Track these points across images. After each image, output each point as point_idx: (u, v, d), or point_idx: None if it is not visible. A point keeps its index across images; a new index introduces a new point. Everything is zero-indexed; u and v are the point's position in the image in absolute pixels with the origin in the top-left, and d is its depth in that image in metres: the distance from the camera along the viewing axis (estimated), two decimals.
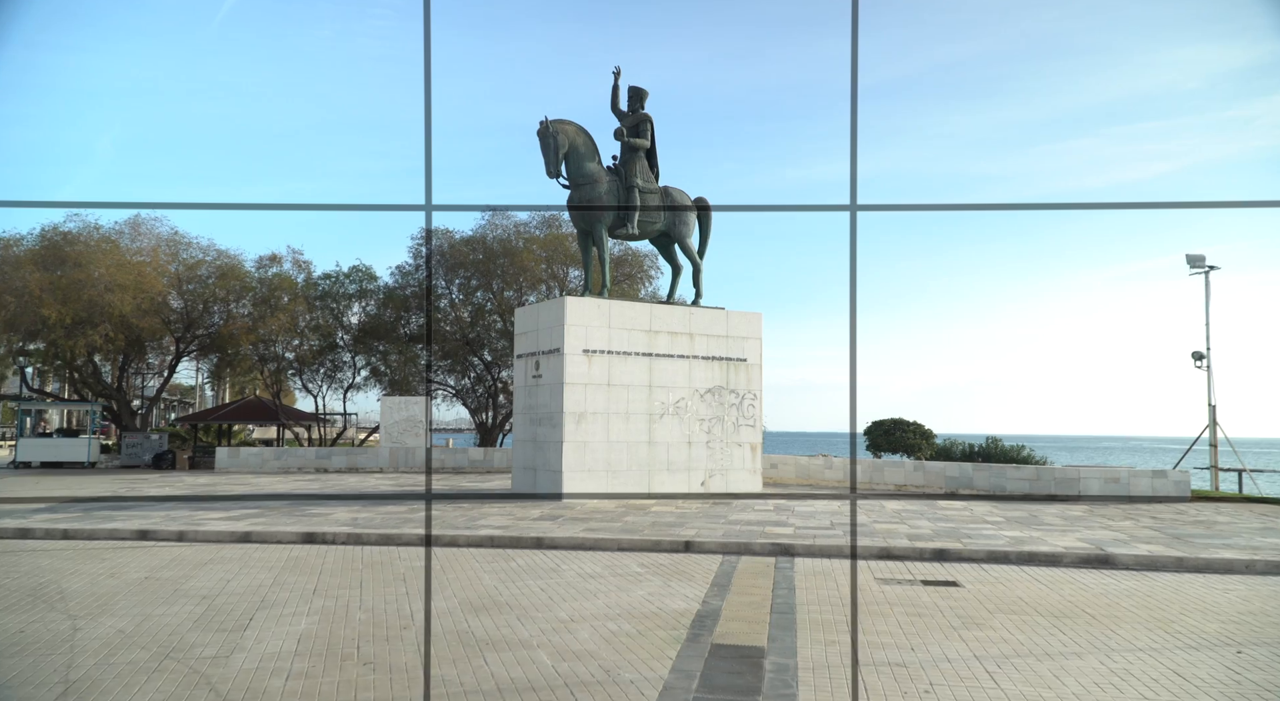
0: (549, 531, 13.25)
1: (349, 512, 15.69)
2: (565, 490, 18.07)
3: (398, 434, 27.56)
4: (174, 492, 20.23)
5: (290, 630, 7.66)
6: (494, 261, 34.90)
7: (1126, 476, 19.08)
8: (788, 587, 9.80)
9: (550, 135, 19.08)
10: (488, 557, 11.73)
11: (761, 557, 11.93)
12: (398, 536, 12.95)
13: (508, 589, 9.59)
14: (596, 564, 11.29)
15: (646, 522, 14.52)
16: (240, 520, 14.46)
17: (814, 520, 15.15)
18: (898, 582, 10.23)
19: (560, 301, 18.77)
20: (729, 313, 20.90)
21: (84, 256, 30.15)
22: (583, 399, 18.50)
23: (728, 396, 20.54)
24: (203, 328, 33.91)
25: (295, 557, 11.58)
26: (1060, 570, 11.18)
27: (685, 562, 11.43)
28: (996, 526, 14.48)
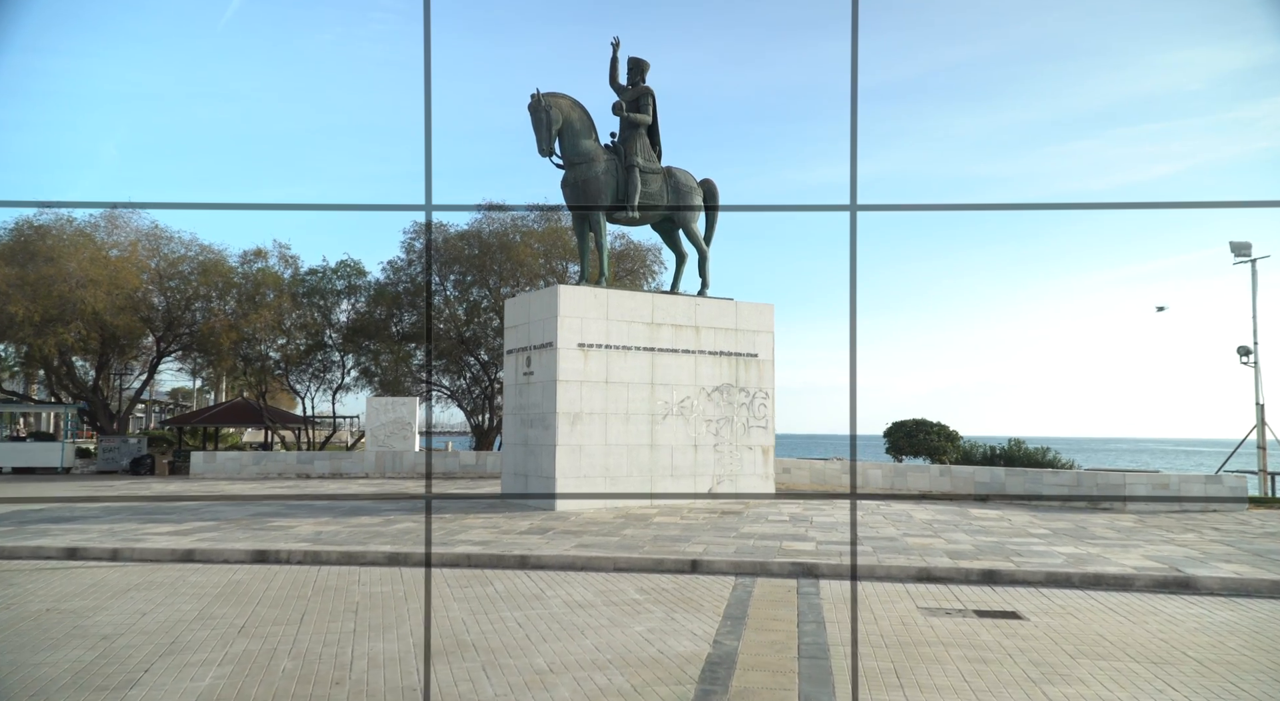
0: (535, 548, 11.58)
1: (315, 525, 14.03)
2: (558, 499, 16.38)
3: (384, 437, 25.82)
4: (134, 501, 18.59)
5: (189, 688, 6.01)
6: (490, 256, 33.25)
7: (1177, 482, 17.33)
8: (816, 621, 8.13)
9: (542, 109, 17.42)
10: (462, 580, 10.08)
11: (780, 579, 10.27)
12: (361, 555, 11.29)
13: (478, 624, 7.93)
14: (588, 588, 9.63)
15: (648, 536, 12.85)
16: (188, 535, 12.82)
17: (836, 532, 13.47)
18: (946, 613, 8.55)
19: (553, 290, 17.07)
20: (738, 304, 19.19)
21: (56, 251, 28.56)
22: (578, 398, 16.81)
23: (737, 395, 18.84)
24: (184, 326, 32.28)
25: (236, 582, 9.93)
26: (1134, 596, 9.49)
27: (692, 586, 9.76)
28: (1045, 541, 12.77)
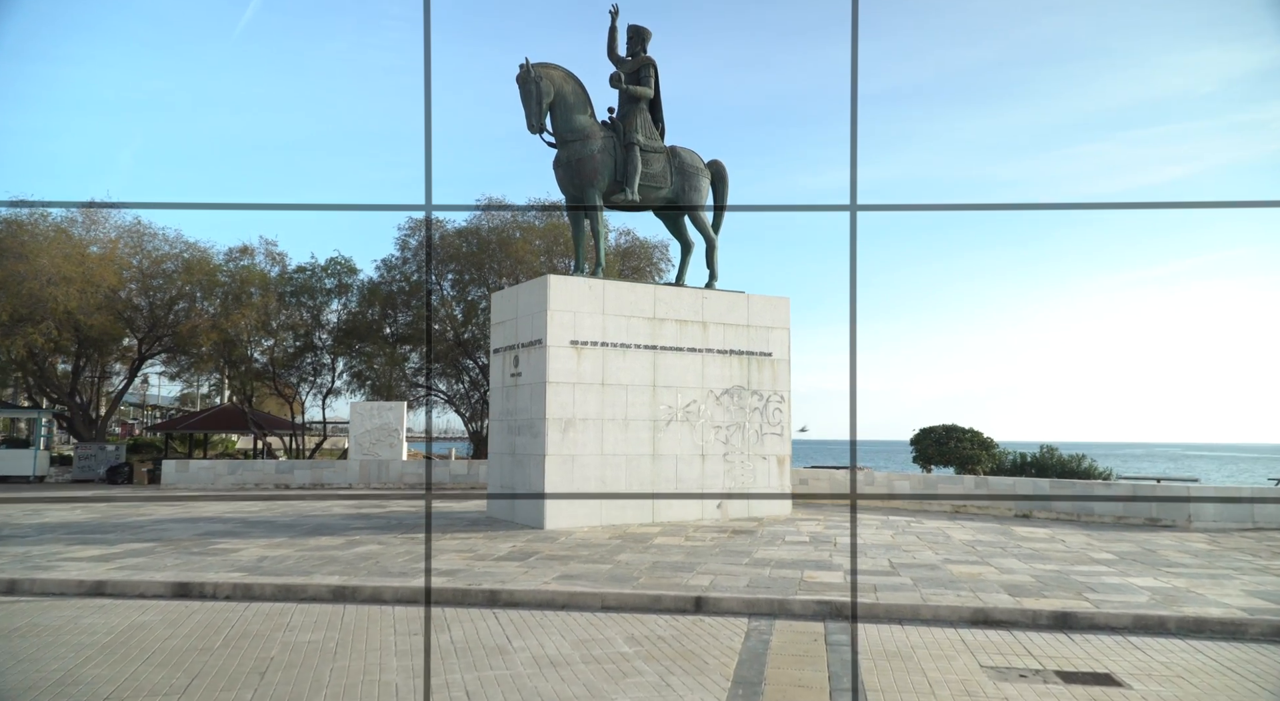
0: (510, 580, 9.72)
1: (264, 548, 12.21)
2: (548, 515, 14.51)
3: (369, 444, 24.00)
4: (78, 516, 16.83)
5: None
6: (488, 253, 31.48)
7: (1250, 496, 15.33)
8: (853, 689, 6.24)
9: (532, 81, 15.61)
10: (413, 623, 8.23)
11: (804, 623, 8.37)
12: (300, 589, 9.45)
13: (413, 696, 6.07)
14: (566, 636, 7.76)
15: (645, 563, 10.97)
16: (110, 561, 11.02)
17: (867, 557, 11.57)
18: (1021, 676, 6.64)
19: (542, 281, 15.23)
20: (750, 297, 17.30)
21: (29, 247, 26.97)
22: (570, 402, 14.96)
23: (749, 398, 16.93)
24: (166, 327, 30.61)
25: (138, 626, 8.11)
26: (1252, 649, 7.54)
27: (695, 632, 7.88)
28: (1115, 569, 10.82)
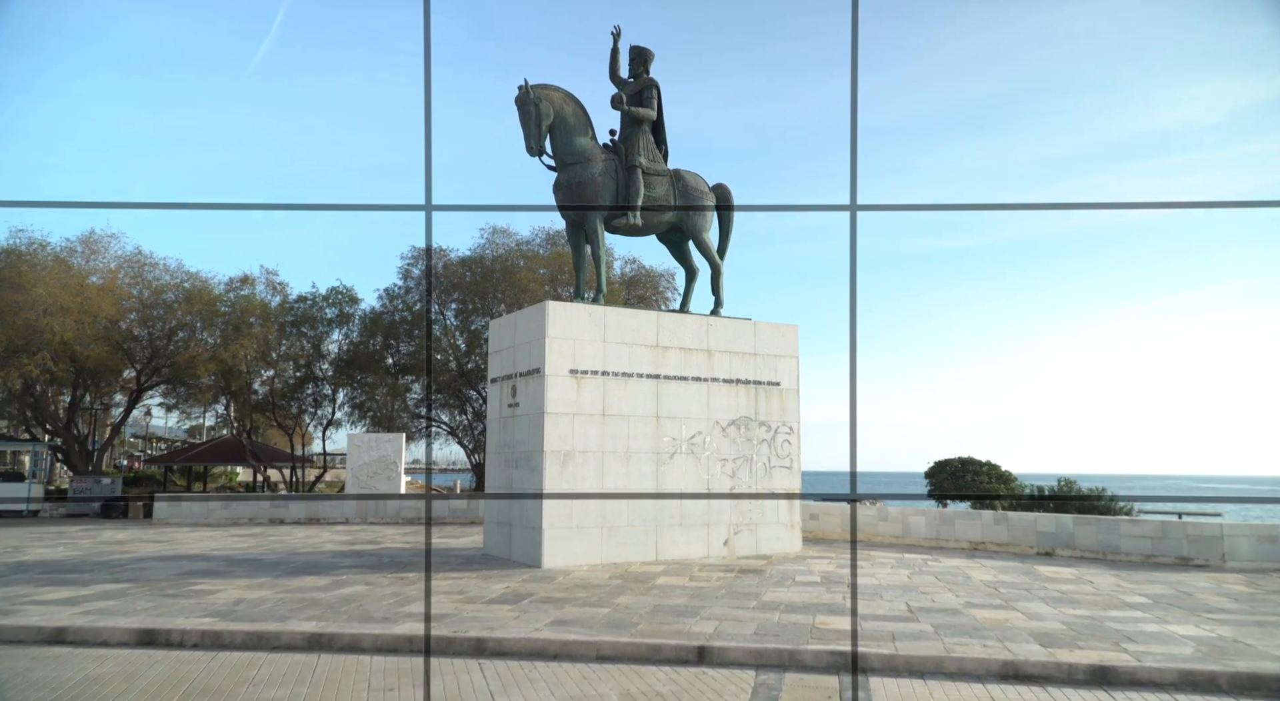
0: (500, 626, 9.03)
1: (243, 589, 11.56)
2: (545, 554, 13.82)
3: (366, 477, 23.37)
4: (59, 554, 16.20)
5: None
6: (491, 281, 31.06)
7: None
8: None
9: (531, 102, 15.19)
10: (390, 676, 7.56)
11: (816, 675, 7.66)
12: (273, 637, 8.78)
13: None
14: (556, 691, 7.08)
15: (646, 607, 10.27)
16: (78, 604, 10.37)
17: (883, 600, 10.84)
18: None
19: (540, 308, 14.68)
20: (757, 324, 16.71)
21: (27, 277, 26.66)
22: (569, 433, 14.32)
23: (757, 430, 16.27)
24: (165, 357, 30.19)
25: (88, 680, 7.45)
26: None
27: (696, 688, 7.18)
28: (1152, 615, 10.06)
